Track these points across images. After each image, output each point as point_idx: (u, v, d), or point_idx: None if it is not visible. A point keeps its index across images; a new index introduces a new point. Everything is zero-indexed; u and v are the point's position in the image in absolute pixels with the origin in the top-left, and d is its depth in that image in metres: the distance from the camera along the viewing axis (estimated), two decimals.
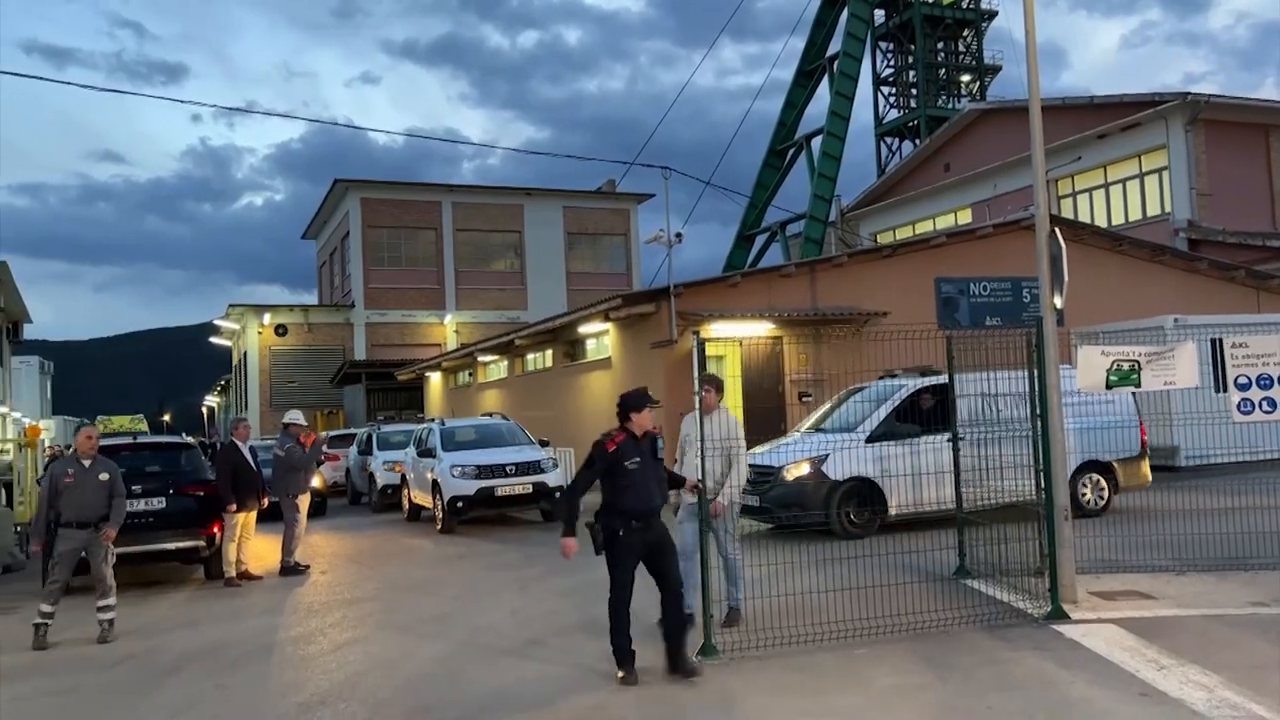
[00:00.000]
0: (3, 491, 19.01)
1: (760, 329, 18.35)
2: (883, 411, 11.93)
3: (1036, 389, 7.63)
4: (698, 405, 7.16)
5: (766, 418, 17.59)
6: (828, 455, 11.50)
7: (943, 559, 9.01)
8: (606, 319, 18.63)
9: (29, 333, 38.37)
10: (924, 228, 32.54)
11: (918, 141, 44.20)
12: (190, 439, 14.40)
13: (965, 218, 30.75)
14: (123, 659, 7.96)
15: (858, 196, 37.91)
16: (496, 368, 27.32)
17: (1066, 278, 7.61)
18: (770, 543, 10.30)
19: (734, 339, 18.31)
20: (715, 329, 17.94)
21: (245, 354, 41.13)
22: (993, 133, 30.44)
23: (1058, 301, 7.72)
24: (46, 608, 8.53)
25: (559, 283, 42.32)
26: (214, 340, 46.85)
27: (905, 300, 18.81)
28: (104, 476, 8.87)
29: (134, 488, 11.25)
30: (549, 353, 23.28)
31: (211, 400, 66.22)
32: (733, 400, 18.44)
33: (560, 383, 22.52)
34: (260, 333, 39.59)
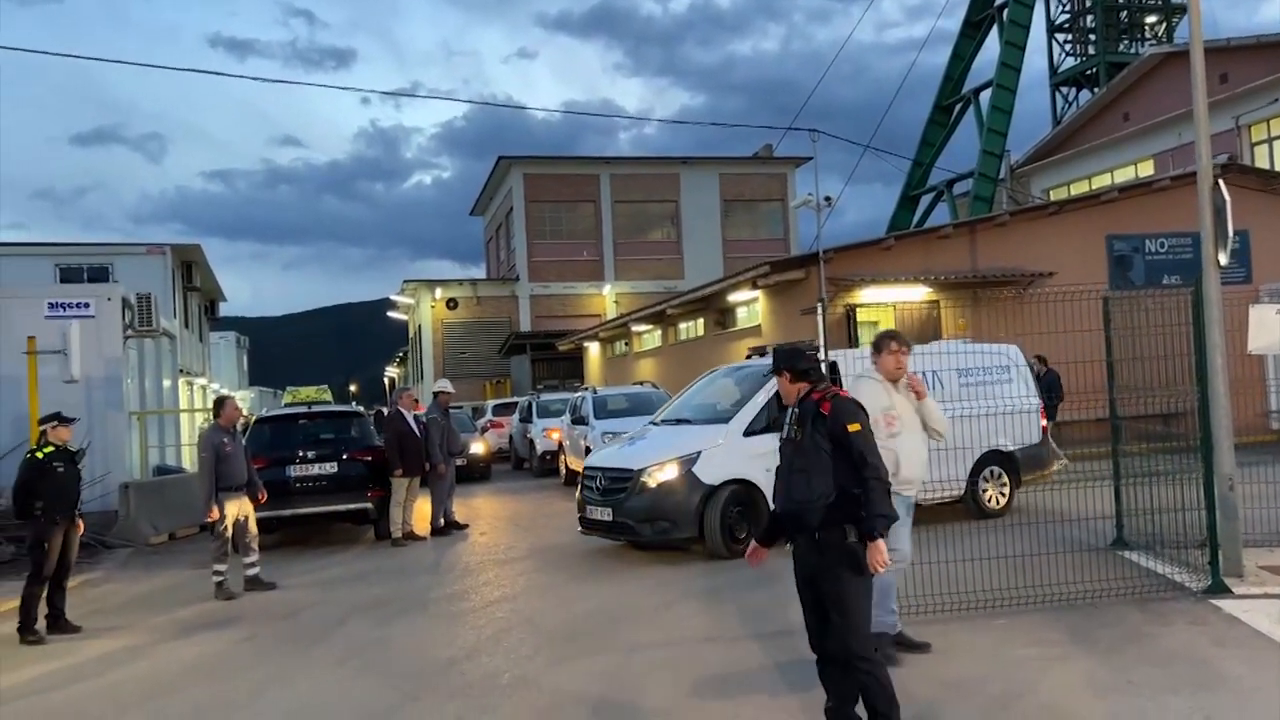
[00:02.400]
0: None
1: (915, 293, 17.85)
2: (762, 397, 9.84)
3: (1198, 352, 7.17)
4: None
5: None
6: (699, 454, 9.49)
7: (1100, 529, 8.63)
8: (755, 286, 18.56)
9: (229, 310, 41.66)
10: (1101, 182, 30.64)
11: (1095, 90, 41.55)
12: (360, 408, 15.36)
13: (1146, 170, 28.77)
14: (296, 611, 8.64)
15: (1029, 151, 36.03)
16: (650, 337, 27.65)
17: (1231, 232, 7.09)
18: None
19: (887, 304, 17.92)
20: (867, 294, 17.60)
21: (420, 327, 43.15)
22: (1178, 77, 28.22)
23: (1222, 258, 7.21)
24: (221, 566, 9.35)
25: (715, 250, 42.28)
26: (391, 314, 49.29)
27: (1074, 260, 17.86)
28: (243, 443, 9.78)
29: (309, 453, 12.19)
30: (700, 321, 23.38)
31: (392, 371, 69.80)
32: None
33: (711, 351, 22.58)
34: (433, 306, 41.40)
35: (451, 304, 41.51)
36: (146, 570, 11.49)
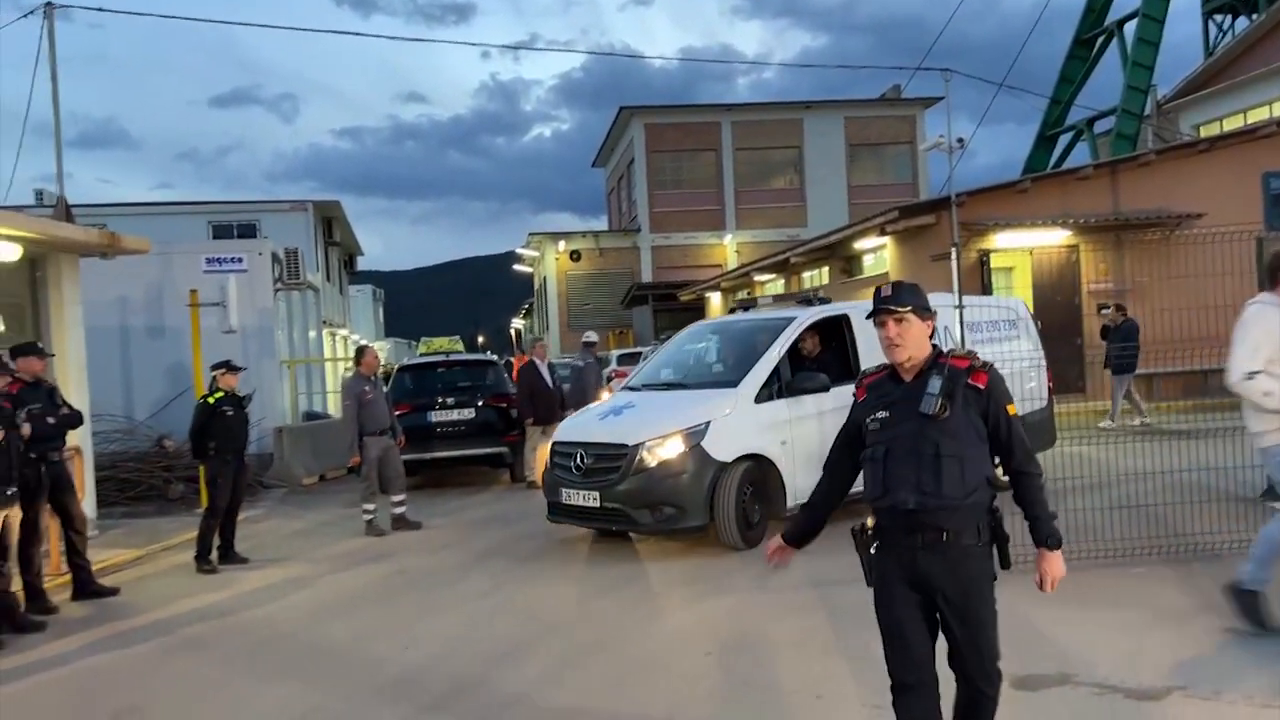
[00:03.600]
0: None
1: (1053, 237, 17.25)
2: (775, 354, 8.51)
3: None
4: None
5: (1061, 333, 16.59)
6: (707, 424, 7.97)
7: (1248, 479, 8.29)
8: (883, 233, 18.23)
9: (365, 264, 43.34)
10: (1258, 115, 28.63)
11: (1254, 16, 38.70)
12: (494, 357, 15.92)
13: None
14: (441, 547, 9.16)
15: (1178, 85, 33.90)
16: (773, 286, 27.49)
17: None
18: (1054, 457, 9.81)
19: (1023, 249, 17.39)
20: (1001, 239, 17.10)
21: (545, 279, 43.93)
22: None
23: None
24: (370, 506, 9.95)
25: (840, 197, 41.49)
26: (517, 267, 50.29)
27: (1226, 199, 16.82)
28: (384, 390, 10.25)
29: (448, 399, 12.75)
30: (825, 269, 23.10)
31: (517, 322, 71.35)
32: None
33: (837, 300, 22.36)
34: (557, 259, 42.04)
35: (575, 256, 42.05)
36: (301, 508, 12.29)
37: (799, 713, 4.55)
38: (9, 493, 6.74)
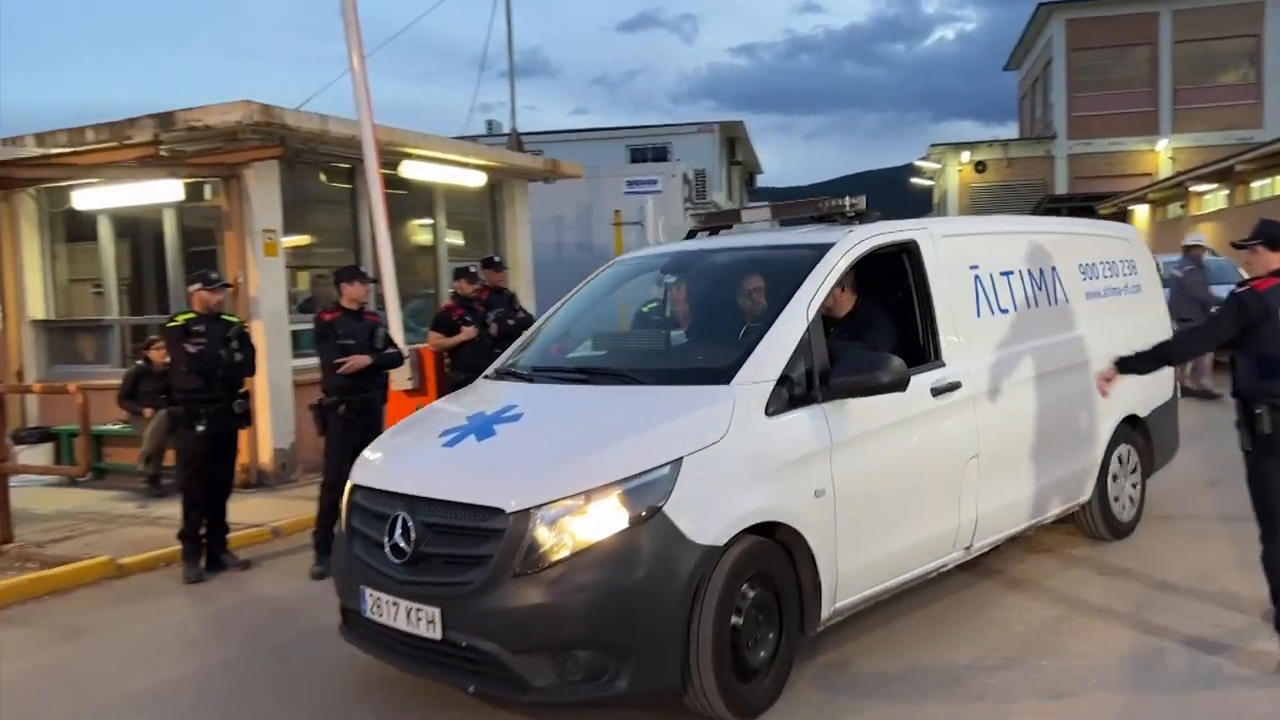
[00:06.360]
0: None
1: None
2: (797, 316, 4.28)
3: None
4: None
5: None
6: (676, 465, 3.72)
7: None
8: None
9: (761, 181, 44.70)
10: None
11: None
12: None
13: None
14: None
15: None
16: (1214, 198, 24.45)
17: None
18: None
19: None
20: None
21: (945, 192, 42.42)
22: None
23: None
24: None
25: None
26: (914, 180, 48.95)
27: None
28: None
29: None
30: (1279, 179, 20.18)
31: None
32: None
33: None
34: (960, 170, 40.35)
35: (980, 167, 40.10)
36: None
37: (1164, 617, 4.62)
38: None
